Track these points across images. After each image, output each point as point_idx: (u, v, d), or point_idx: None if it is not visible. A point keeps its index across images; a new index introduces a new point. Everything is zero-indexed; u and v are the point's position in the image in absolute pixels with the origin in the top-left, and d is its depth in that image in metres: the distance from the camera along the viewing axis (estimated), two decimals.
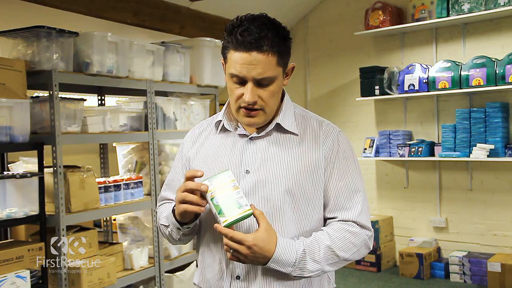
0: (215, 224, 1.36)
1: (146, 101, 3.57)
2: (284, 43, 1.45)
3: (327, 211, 1.52)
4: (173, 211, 1.50)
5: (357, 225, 1.49)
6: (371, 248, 1.54)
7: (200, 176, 1.40)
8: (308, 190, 1.48)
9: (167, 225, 1.55)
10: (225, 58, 1.49)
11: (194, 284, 1.61)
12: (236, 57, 1.41)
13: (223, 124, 1.58)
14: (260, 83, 1.43)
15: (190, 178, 1.41)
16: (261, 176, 1.47)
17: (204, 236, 1.55)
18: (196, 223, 1.53)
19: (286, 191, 1.46)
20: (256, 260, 1.37)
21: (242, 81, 1.43)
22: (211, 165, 1.54)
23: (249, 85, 1.42)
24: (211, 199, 1.37)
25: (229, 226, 1.36)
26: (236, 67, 1.42)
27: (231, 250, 1.37)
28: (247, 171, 1.49)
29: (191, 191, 1.39)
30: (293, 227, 1.47)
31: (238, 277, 1.46)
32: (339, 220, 1.50)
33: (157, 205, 1.73)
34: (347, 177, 1.51)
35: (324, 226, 1.53)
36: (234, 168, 1.49)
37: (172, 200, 1.65)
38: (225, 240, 1.36)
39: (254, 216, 1.38)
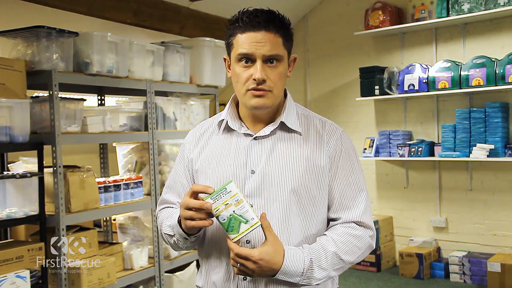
0: (228, 240, 1.37)
1: (146, 101, 3.57)
2: (287, 30, 1.48)
3: (331, 211, 1.52)
4: (179, 221, 1.47)
5: (360, 225, 1.49)
6: (374, 248, 1.55)
7: (211, 193, 1.36)
8: (312, 190, 1.47)
9: (172, 234, 1.52)
10: (230, 46, 1.48)
11: (198, 287, 1.59)
12: (245, 37, 1.43)
13: (227, 123, 1.55)
14: (269, 61, 1.44)
15: (197, 193, 1.38)
16: (266, 176, 1.46)
17: (208, 239, 1.54)
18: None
19: (292, 191, 1.45)
20: (264, 273, 1.37)
21: (250, 61, 1.44)
22: (215, 166, 1.52)
23: (258, 63, 1.42)
24: (216, 217, 1.36)
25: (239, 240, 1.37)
26: (244, 46, 1.43)
27: (238, 265, 1.36)
28: (252, 171, 1.47)
29: (196, 210, 1.37)
30: (298, 228, 1.47)
31: (245, 278, 1.46)
32: (342, 222, 1.49)
33: (158, 208, 1.69)
34: (351, 177, 1.51)
35: (327, 227, 1.53)
36: (239, 169, 1.48)
37: (174, 204, 1.63)
38: (232, 255, 1.36)
39: (262, 228, 1.37)
